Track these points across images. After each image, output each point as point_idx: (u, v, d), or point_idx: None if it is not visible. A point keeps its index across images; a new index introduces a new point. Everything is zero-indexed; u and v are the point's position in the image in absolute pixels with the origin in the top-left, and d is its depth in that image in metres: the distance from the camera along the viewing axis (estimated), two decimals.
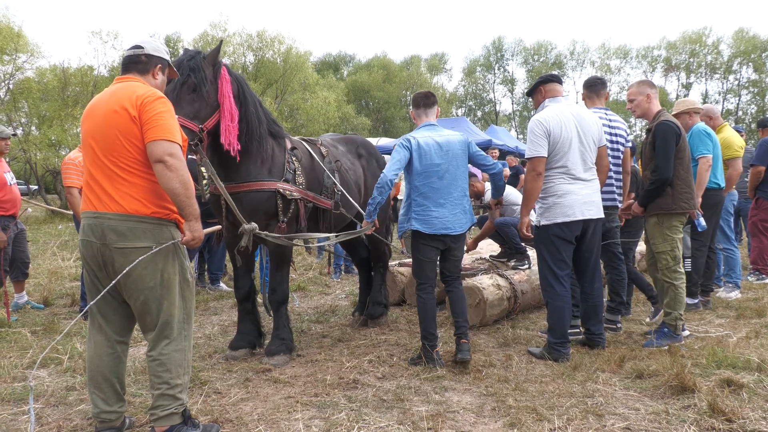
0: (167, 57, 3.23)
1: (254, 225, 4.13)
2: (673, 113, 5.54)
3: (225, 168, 4.23)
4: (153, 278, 2.93)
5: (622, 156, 5.10)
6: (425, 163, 4.23)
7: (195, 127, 3.79)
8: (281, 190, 4.31)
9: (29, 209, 8.23)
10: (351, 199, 5.00)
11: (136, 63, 3.11)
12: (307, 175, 4.62)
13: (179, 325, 3.02)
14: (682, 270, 4.66)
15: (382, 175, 4.27)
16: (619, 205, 5.10)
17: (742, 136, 7.19)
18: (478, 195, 6.53)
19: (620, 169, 5.10)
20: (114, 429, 3.05)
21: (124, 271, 2.86)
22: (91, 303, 2.99)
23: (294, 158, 4.54)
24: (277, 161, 4.42)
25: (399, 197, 9.40)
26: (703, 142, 5.40)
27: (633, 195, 5.47)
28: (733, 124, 6.48)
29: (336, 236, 4.87)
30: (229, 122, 4.02)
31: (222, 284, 7.47)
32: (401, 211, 4.46)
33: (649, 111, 4.78)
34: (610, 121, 4.97)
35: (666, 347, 4.40)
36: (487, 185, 6.42)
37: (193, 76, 3.85)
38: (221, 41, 4.43)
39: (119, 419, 3.08)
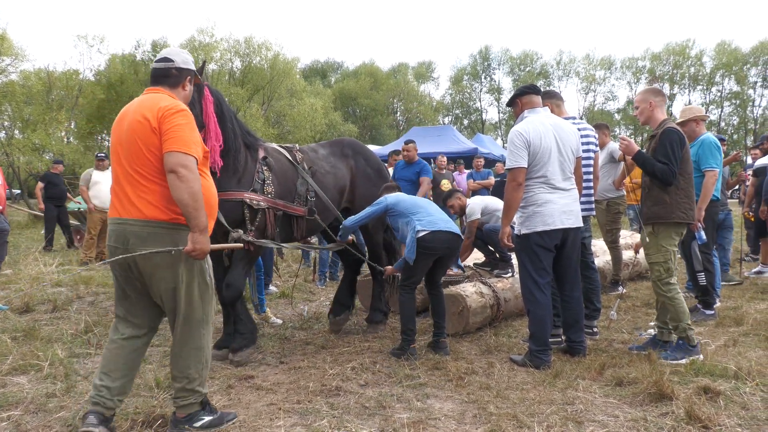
0: (194, 67, 3.40)
1: (240, 231, 4.35)
2: (678, 121, 5.58)
3: None
4: (173, 280, 3.10)
5: (593, 163, 5.24)
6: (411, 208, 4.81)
7: None
8: (247, 200, 4.39)
9: None
10: (329, 203, 5.10)
11: (167, 77, 3.26)
12: (279, 184, 4.71)
13: (197, 324, 3.20)
14: (675, 282, 4.54)
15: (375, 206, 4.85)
16: (593, 213, 5.29)
17: (723, 146, 7.34)
18: (462, 210, 6.48)
19: (591, 177, 5.22)
20: (104, 417, 3.10)
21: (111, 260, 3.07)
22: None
23: (265, 167, 4.62)
24: (247, 171, 4.53)
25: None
26: (713, 155, 5.39)
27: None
28: (714, 134, 6.63)
29: (322, 248, 5.02)
30: (214, 142, 4.14)
31: None
32: (408, 237, 4.68)
33: (653, 118, 4.68)
34: (580, 130, 5.05)
35: (685, 360, 4.33)
36: (469, 201, 6.48)
37: None
38: (204, 61, 4.54)
39: (110, 411, 3.16)
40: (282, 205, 4.69)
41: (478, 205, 6.26)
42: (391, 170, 9.03)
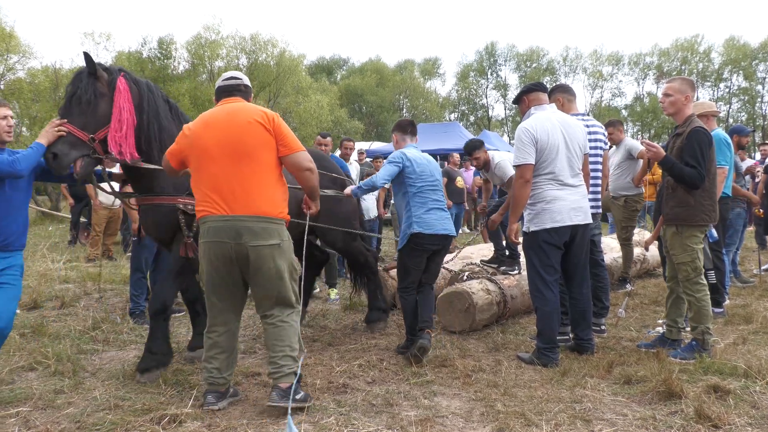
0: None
1: None
2: None
3: (134, 180, 4.23)
4: (277, 270, 3.43)
5: (602, 160, 5.18)
6: (421, 174, 4.59)
7: (85, 136, 3.73)
8: (181, 206, 4.08)
9: None
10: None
11: (238, 90, 3.68)
12: None
13: (290, 306, 3.55)
14: (704, 281, 4.46)
15: (374, 177, 4.66)
16: (600, 211, 5.20)
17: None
18: (485, 164, 6.25)
19: (600, 174, 5.17)
20: (220, 393, 3.53)
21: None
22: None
23: None
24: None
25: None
26: (723, 152, 5.31)
27: None
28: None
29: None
30: (116, 132, 3.84)
31: None
32: (402, 225, 4.63)
33: (682, 112, 4.49)
34: (589, 126, 5.01)
35: (693, 360, 4.29)
36: (496, 157, 6.35)
37: (81, 89, 3.78)
38: (85, 53, 3.97)
39: (225, 385, 3.56)
40: None
41: (507, 161, 6.11)
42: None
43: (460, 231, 13.53)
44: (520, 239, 4.64)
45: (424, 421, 3.30)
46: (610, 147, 7.18)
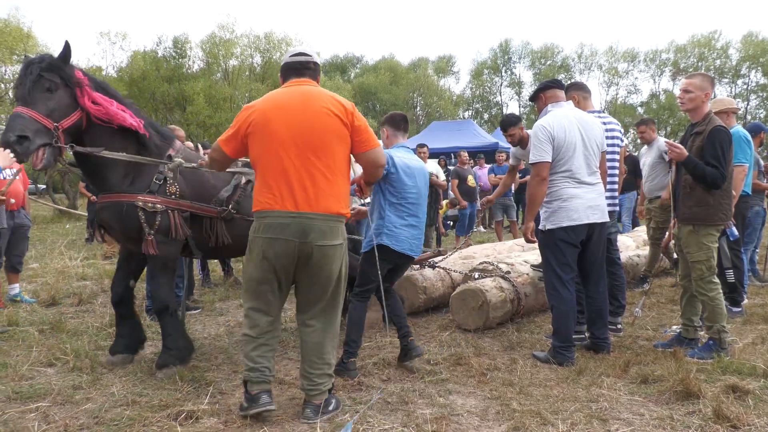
0: None
1: None
2: None
3: (92, 177, 4.09)
4: (338, 271, 3.30)
5: (618, 157, 5.13)
6: (405, 185, 4.11)
7: (50, 124, 3.61)
8: (140, 204, 3.96)
9: None
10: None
11: (308, 69, 3.37)
12: (188, 183, 4.24)
13: (337, 310, 3.43)
14: (717, 280, 4.42)
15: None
16: (617, 209, 5.12)
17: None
18: (522, 142, 5.80)
19: (617, 171, 5.12)
20: (269, 391, 3.32)
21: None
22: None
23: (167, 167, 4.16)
24: (145, 171, 4.09)
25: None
26: (743, 149, 5.23)
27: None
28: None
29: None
30: (110, 106, 3.83)
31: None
32: (372, 229, 4.14)
33: (700, 110, 4.40)
34: (605, 123, 4.97)
35: (711, 359, 4.24)
36: (530, 132, 6.00)
37: (48, 75, 3.65)
38: (66, 41, 3.88)
39: (270, 385, 3.36)
40: (187, 205, 4.18)
41: None
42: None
43: (475, 230, 13.46)
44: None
45: (440, 419, 3.29)
46: (642, 146, 7.13)
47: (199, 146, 7.86)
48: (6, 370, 4.17)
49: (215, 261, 8.46)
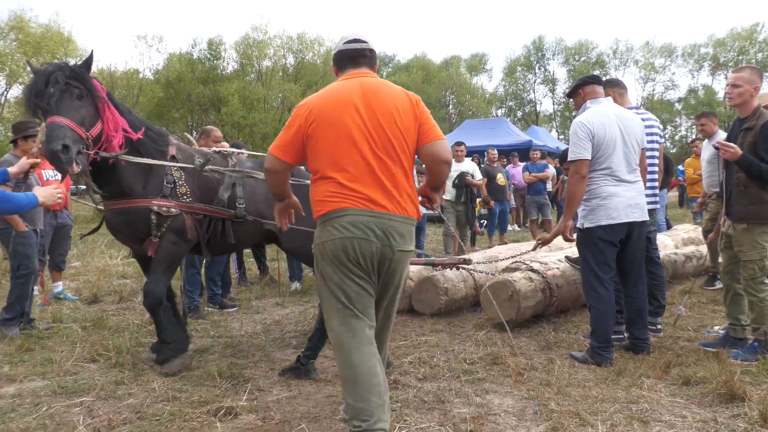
0: None
1: None
2: None
3: (105, 183, 4.03)
4: (405, 272, 3.01)
5: (658, 154, 5.02)
6: None
7: (84, 133, 3.62)
8: (155, 208, 4.00)
9: None
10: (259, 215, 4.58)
11: (365, 57, 3.05)
12: (195, 185, 4.27)
13: (390, 325, 3.16)
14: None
15: None
16: (658, 207, 5.00)
17: None
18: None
19: (656, 168, 5.01)
20: None
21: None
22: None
23: (174, 167, 4.19)
24: (155, 174, 4.13)
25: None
26: None
27: None
28: None
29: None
30: (113, 132, 3.84)
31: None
32: None
33: (749, 104, 4.26)
34: (644, 120, 4.87)
35: (756, 361, 4.14)
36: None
37: (75, 84, 3.68)
38: (92, 51, 4.00)
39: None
40: (199, 208, 4.22)
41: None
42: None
43: (510, 228, 13.33)
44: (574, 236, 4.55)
45: (477, 419, 3.28)
46: (703, 139, 6.93)
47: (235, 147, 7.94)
48: (51, 365, 4.30)
49: (251, 260, 8.58)
